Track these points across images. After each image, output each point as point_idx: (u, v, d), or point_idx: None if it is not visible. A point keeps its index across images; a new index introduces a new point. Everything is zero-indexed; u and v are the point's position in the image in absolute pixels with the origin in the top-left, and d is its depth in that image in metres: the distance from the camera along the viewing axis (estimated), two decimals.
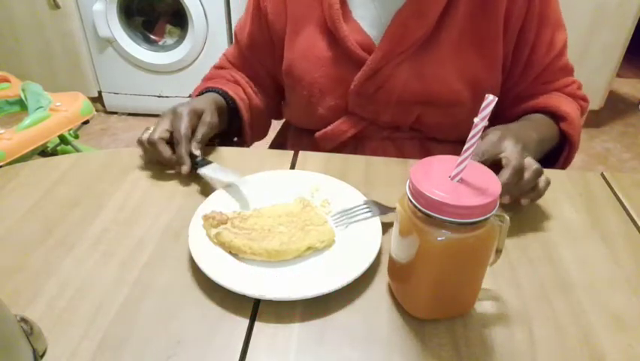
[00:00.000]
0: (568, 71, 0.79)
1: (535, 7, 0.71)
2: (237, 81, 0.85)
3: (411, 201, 0.41)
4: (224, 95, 0.80)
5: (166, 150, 0.66)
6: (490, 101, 0.38)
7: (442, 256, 0.42)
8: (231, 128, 0.83)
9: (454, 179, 0.40)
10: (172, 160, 0.66)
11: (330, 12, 0.74)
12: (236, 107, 0.81)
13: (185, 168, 0.64)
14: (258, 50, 0.85)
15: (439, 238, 0.40)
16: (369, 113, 0.77)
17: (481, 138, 0.56)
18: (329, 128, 0.79)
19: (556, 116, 0.75)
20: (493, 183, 0.40)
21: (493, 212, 0.40)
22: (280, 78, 0.84)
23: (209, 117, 0.70)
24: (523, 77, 0.77)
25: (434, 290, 0.45)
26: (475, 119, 0.39)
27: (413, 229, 0.42)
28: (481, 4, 0.72)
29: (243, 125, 0.84)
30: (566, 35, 0.77)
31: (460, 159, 0.40)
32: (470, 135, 0.39)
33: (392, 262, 0.48)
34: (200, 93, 0.81)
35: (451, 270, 0.43)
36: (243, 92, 0.84)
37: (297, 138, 0.88)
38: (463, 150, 0.40)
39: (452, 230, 0.40)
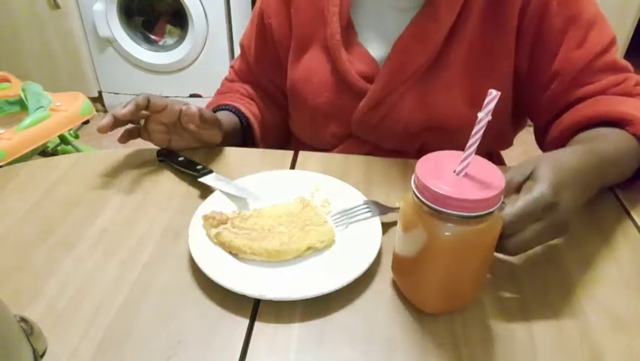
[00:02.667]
0: (617, 68, 0.67)
1: (552, 14, 0.65)
2: (251, 95, 0.84)
3: (417, 196, 0.41)
4: (237, 112, 0.79)
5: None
6: (494, 96, 0.38)
7: (449, 249, 0.42)
8: (247, 144, 0.82)
9: (459, 174, 0.41)
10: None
11: (332, 42, 0.71)
12: (249, 124, 0.80)
13: (99, 125, 0.62)
14: (265, 67, 0.83)
15: (445, 233, 0.40)
16: (374, 139, 0.76)
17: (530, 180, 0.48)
18: (334, 151, 0.78)
19: (618, 124, 0.61)
20: (497, 178, 0.40)
21: (498, 205, 0.40)
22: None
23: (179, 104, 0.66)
24: (556, 85, 0.67)
25: (442, 284, 0.45)
26: (480, 114, 0.39)
27: (419, 223, 0.42)
28: (493, 19, 0.66)
29: (256, 142, 0.82)
30: (608, 33, 0.67)
31: (464, 154, 0.40)
32: (474, 132, 0.40)
33: (398, 259, 0.48)
34: (214, 109, 0.80)
35: (458, 263, 0.43)
36: (257, 107, 0.83)
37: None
38: (467, 145, 0.40)
39: (458, 223, 0.40)
